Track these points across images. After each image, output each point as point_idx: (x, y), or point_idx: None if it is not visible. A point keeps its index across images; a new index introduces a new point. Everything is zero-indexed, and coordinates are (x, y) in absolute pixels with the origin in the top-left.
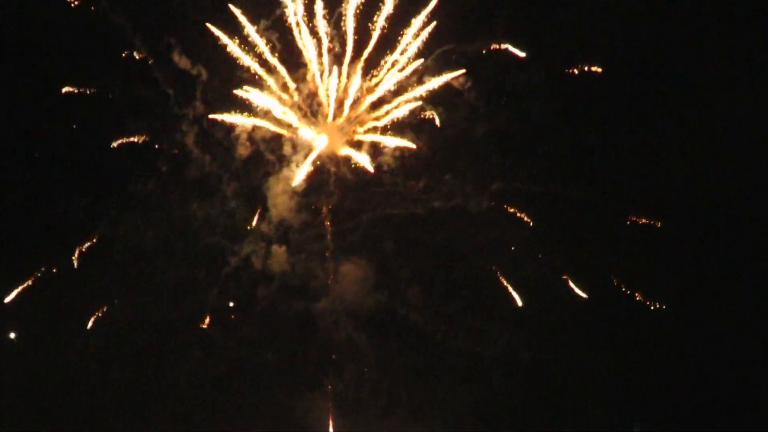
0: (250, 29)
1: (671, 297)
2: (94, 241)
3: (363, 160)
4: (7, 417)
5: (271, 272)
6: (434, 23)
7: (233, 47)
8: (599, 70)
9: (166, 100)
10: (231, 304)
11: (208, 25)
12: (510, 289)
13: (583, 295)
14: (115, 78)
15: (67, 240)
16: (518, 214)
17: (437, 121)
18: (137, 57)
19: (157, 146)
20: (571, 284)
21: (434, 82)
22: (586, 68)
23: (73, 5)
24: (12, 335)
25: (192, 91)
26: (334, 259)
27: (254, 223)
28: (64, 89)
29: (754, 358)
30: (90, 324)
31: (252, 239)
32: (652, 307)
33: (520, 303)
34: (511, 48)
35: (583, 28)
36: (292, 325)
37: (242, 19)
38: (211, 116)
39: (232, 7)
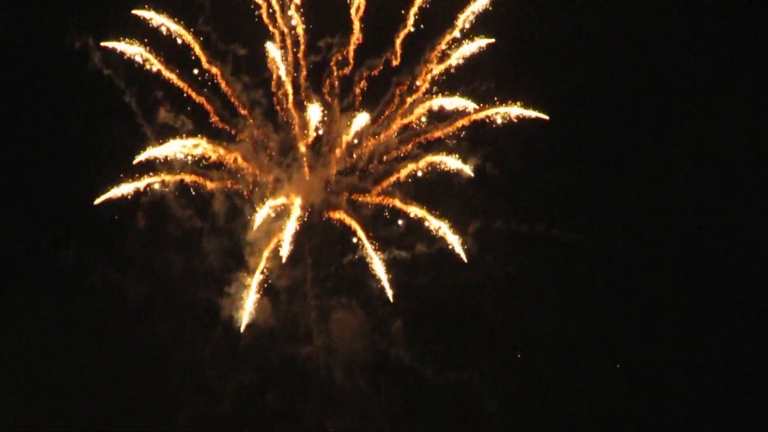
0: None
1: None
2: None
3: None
4: None
5: (257, 321)
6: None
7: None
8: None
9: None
10: None
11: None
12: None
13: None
14: (102, 130)
15: (56, 293)
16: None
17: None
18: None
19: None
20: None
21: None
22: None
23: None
24: None
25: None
26: (319, 304)
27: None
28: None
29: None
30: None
31: (236, 288)
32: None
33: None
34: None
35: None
36: (284, 371)
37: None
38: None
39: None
